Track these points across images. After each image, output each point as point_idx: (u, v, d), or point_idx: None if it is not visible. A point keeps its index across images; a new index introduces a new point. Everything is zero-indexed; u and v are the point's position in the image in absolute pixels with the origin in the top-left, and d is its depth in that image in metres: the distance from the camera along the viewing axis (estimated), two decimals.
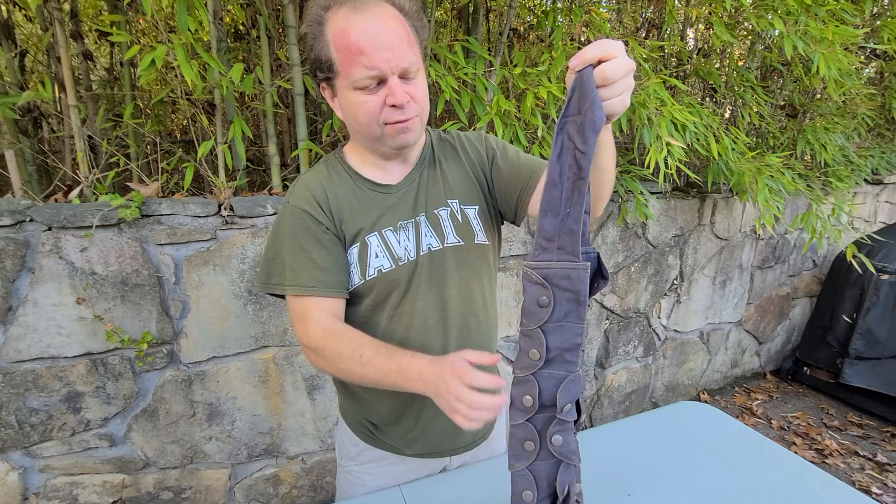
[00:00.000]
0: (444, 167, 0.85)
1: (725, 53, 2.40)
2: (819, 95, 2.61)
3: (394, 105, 0.71)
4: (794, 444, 2.33)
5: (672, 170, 1.68)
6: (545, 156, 1.47)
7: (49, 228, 1.27)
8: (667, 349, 2.54)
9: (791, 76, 2.44)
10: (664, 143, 1.63)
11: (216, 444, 1.59)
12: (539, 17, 2.05)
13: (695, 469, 0.88)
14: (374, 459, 0.91)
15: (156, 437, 1.51)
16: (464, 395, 0.59)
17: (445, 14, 2.26)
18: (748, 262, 2.67)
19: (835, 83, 1.91)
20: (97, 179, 1.41)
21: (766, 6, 1.83)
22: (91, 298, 1.34)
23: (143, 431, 1.49)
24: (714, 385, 2.85)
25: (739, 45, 2.42)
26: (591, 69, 0.50)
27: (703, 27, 2.35)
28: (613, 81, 0.51)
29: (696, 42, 2.43)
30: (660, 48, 2.08)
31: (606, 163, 0.66)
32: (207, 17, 1.37)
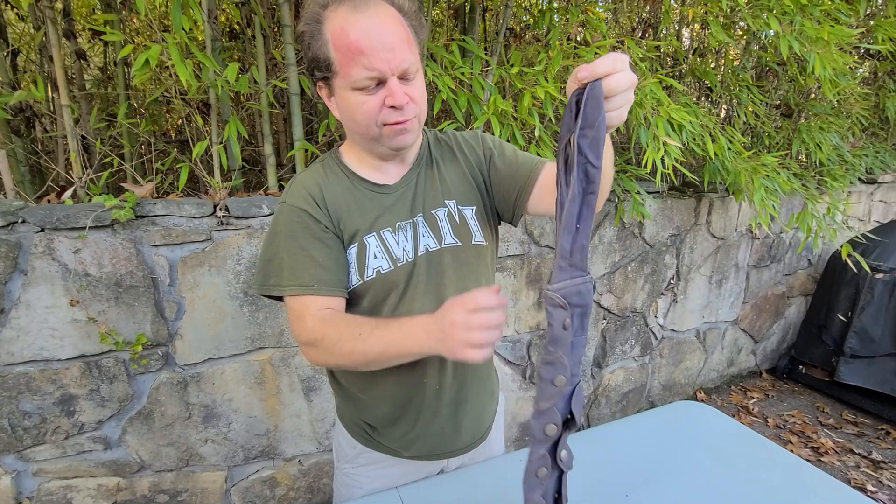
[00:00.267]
0: (442, 168, 0.85)
1: (721, 53, 2.40)
2: (814, 95, 2.63)
3: (392, 106, 0.70)
4: (790, 443, 2.34)
5: (669, 169, 1.69)
6: (542, 155, 1.46)
7: (42, 230, 1.26)
8: (663, 348, 2.54)
9: (786, 76, 2.45)
10: (661, 143, 1.63)
11: (212, 447, 1.58)
12: (536, 17, 2.04)
13: (692, 469, 0.88)
14: (372, 462, 0.91)
15: (151, 440, 1.50)
16: (472, 320, 0.58)
17: (442, 13, 2.26)
18: (744, 262, 2.68)
19: (830, 83, 1.92)
20: (91, 180, 1.40)
21: (762, 6, 1.84)
22: (85, 300, 1.33)
23: (138, 434, 1.48)
24: (711, 384, 2.86)
25: (735, 45, 2.43)
26: (600, 82, 0.50)
27: (699, 27, 2.36)
28: (617, 94, 0.51)
29: (693, 42, 2.44)
30: (656, 48, 2.09)
31: (608, 169, 0.67)
32: (202, 16, 1.36)
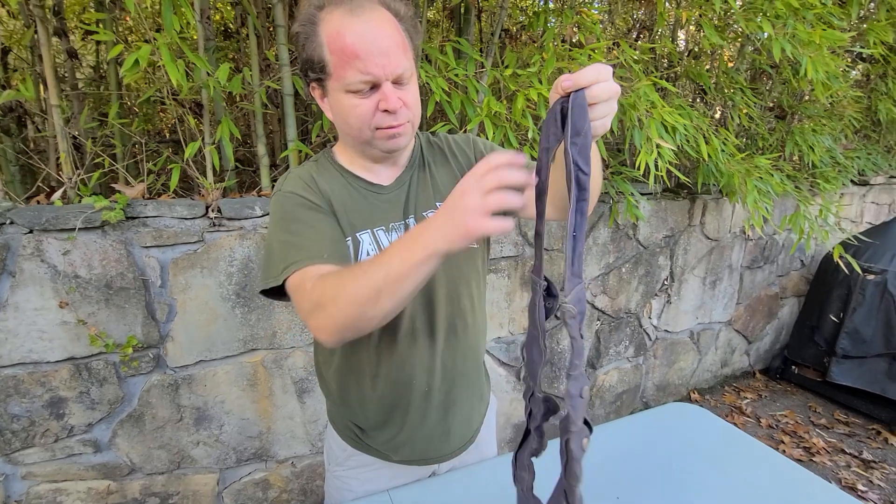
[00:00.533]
0: (433, 171, 0.85)
1: (715, 55, 2.41)
2: (807, 97, 2.64)
3: (386, 110, 0.70)
4: (783, 443, 2.36)
5: (662, 171, 1.69)
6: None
7: (30, 231, 1.25)
8: (657, 349, 2.55)
9: (780, 78, 2.47)
10: (654, 145, 1.63)
11: (204, 449, 1.57)
12: (531, 18, 2.04)
13: (684, 471, 0.88)
14: (362, 465, 0.91)
15: (142, 443, 1.49)
16: (487, 180, 0.51)
17: (437, 14, 2.26)
18: (738, 263, 2.69)
19: (822, 86, 1.93)
20: (81, 180, 1.39)
21: (756, 9, 1.85)
22: (74, 302, 1.31)
23: (129, 437, 1.47)
24: (704, 384, 2.87)
25: (729, 48, 2.44)
26: (584, 91, 0.51)
27: (694, 29, 2.37)
28: (600, 103, 0.51)
29: (687, 44, 2.45)
30: (650, 50, 2.09)
31: (596, 175, 0.68)
32: (194, 16, 1.35)
